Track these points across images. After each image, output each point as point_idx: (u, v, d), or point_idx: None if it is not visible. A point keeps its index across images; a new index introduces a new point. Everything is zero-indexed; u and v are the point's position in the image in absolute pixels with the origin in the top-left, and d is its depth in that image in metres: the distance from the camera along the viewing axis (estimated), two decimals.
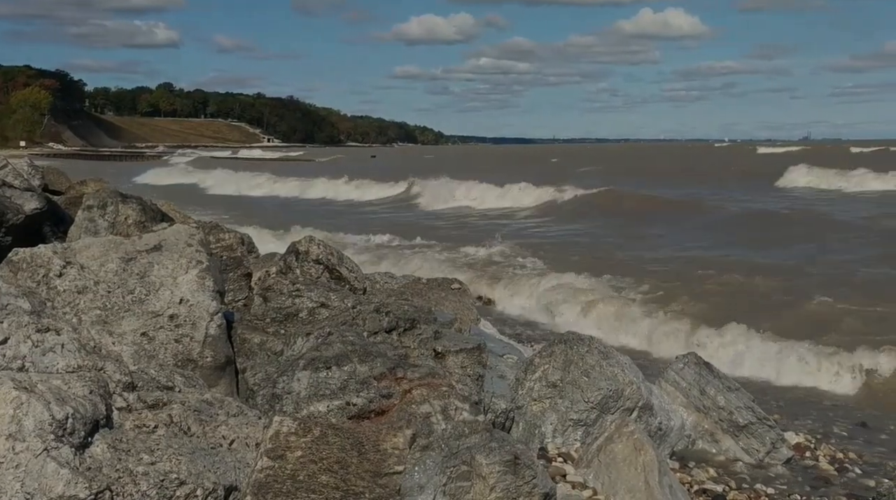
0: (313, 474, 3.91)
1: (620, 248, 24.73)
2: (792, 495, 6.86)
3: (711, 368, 8.53)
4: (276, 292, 6.50)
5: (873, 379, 11.80)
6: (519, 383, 7.58)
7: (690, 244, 25.68)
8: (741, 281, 18.19)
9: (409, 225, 32.58)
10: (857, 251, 22.90)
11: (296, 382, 4.88)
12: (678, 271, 19.60)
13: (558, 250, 24.14)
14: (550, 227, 33.47)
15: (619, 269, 19.72)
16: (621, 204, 37.41)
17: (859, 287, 17.31)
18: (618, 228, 30.48)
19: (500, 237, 26.02)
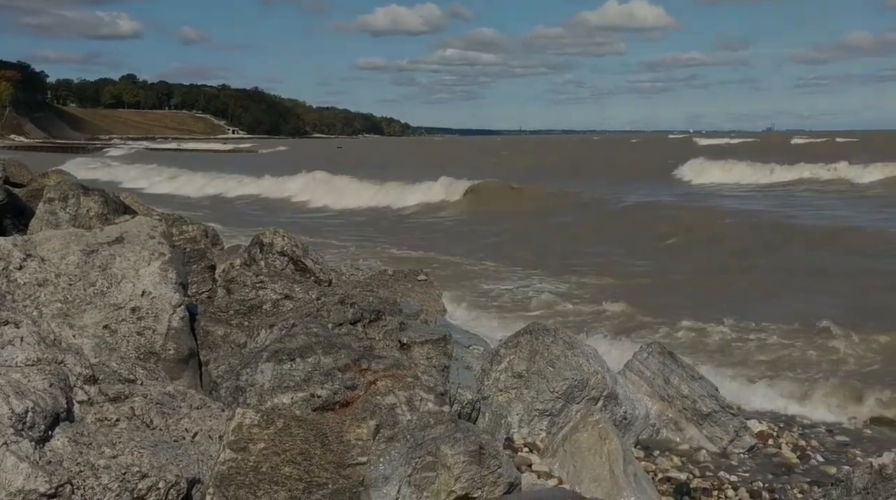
0: (276, 466, 3.89)
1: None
2: (755, 482, 6.92)
3: (675, 357, 8.59)
4: (239, 284, 6.46)
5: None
6: (485, 373, 7.59)
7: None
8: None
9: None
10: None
11: (259, 374, 4.85)
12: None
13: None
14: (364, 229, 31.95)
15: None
16: (490, 201, 37.41)
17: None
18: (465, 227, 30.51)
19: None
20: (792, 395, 10.10)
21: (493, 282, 17.93)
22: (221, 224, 24.10)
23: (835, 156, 58.85)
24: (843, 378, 10.48)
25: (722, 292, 16.90)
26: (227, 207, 42.48)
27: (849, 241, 22.66)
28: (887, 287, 16.87)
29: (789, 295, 16.33)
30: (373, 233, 29.51)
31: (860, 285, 17.19)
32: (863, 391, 9.83)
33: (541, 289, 16.94)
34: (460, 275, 18.84)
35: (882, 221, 27.58)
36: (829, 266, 19.47)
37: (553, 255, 22.31)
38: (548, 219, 30.84)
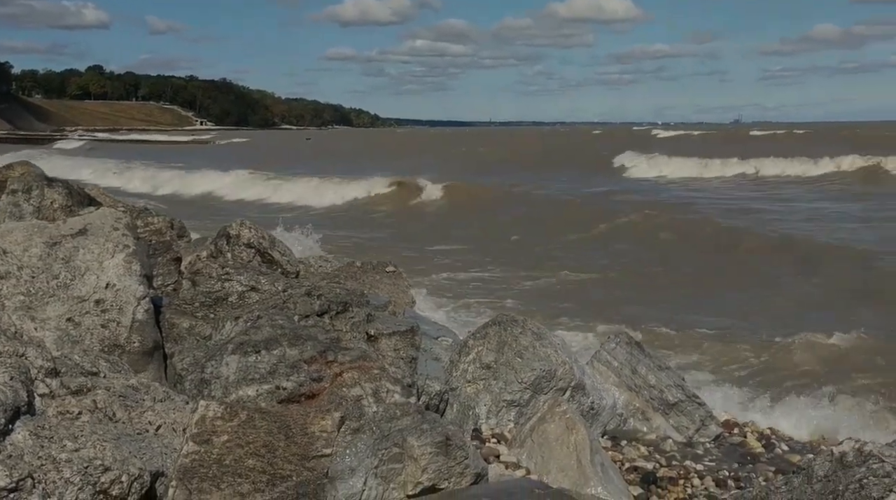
0: (240, 458, 3.87)
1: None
2: (720, 471, 6.98)
3: (642, 347, 8.64)
4: (205, 276, 6.41)
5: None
6: (453, 365, 7.59)
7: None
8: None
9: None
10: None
11: (224, 366, 4.82)
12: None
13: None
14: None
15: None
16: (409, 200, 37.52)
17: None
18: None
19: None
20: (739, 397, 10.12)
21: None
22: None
23: (786, 148, 59.42)
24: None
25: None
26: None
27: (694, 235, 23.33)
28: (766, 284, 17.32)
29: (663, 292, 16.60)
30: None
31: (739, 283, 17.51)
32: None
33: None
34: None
35: (773, 218, 27.85)
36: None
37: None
38: (457, 213, 31.06)
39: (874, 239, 23.05)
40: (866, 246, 21.22)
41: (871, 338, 12.35)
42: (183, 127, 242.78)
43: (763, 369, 11.41)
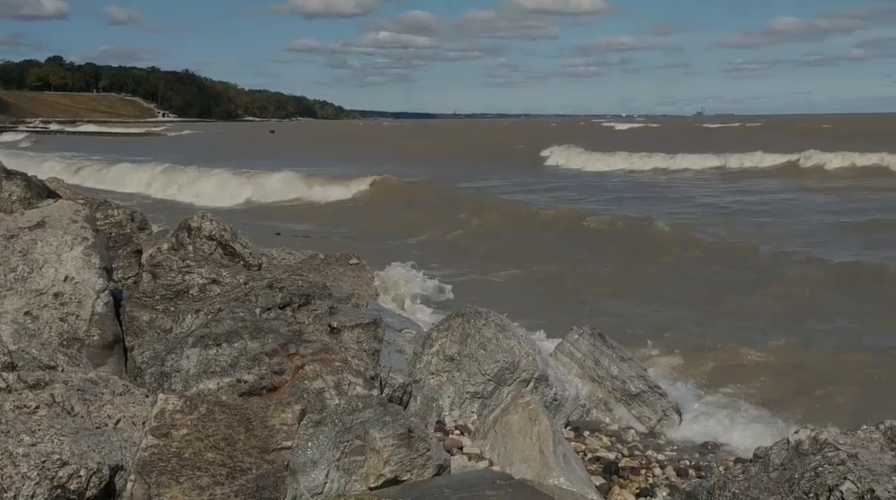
0: (199, 451, 3.84)
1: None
2: (682, 460, 7.04)
3: (605, 339, 8.68)
4: (165, 268, 6.36)
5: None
6: (417, 357, 7.59)
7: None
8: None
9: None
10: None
11: (185, 359, 4.79)
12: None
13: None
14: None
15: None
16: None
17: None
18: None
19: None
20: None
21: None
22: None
23: (735, 142, 59.72)
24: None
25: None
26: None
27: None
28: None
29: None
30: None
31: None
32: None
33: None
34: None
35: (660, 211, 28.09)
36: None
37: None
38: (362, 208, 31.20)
39: (734, 231, 23.42)
40: (721, 238, 21.55)
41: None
42: (145, 119, 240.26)
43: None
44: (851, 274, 16.50)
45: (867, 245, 20.64)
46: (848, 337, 12.22)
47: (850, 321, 13.27)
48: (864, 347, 11.63)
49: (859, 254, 19.09)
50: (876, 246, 20.30)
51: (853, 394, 9.63)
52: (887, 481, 2.85)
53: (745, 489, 3.09)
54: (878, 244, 20.53)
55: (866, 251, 19.65)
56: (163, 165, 46.09)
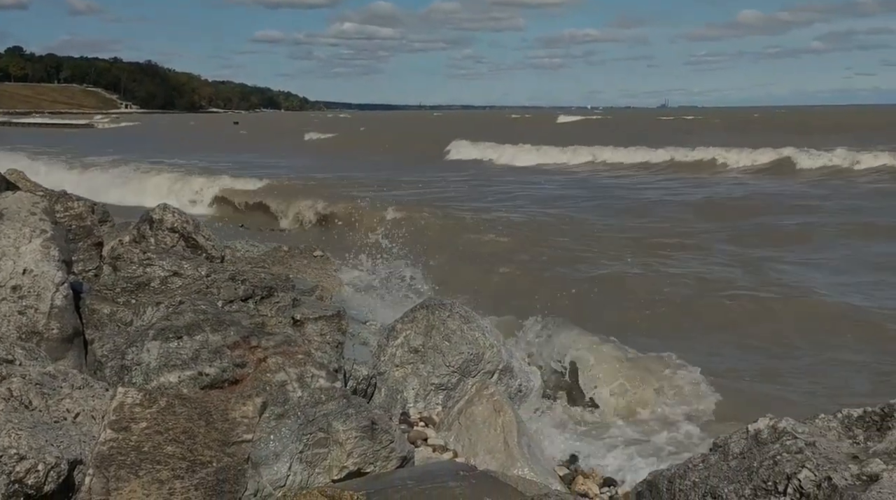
0: (159, 445, 3.81)
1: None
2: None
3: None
4: (126, 261, 6.29)
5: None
6: (381, 349, 7.57)
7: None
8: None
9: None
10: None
11: (145, 353, 4.74)
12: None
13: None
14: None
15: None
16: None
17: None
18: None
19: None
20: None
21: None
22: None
23: (667, 135, 59.16)
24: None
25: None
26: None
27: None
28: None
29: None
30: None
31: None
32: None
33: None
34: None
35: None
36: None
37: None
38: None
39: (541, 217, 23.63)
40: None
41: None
42: (108, 110, 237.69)
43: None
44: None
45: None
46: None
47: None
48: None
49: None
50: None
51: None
52: (844, 468, 2.88)
53: (704, 477, 3.11)
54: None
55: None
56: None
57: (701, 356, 9.59)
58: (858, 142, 45.27)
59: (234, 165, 41.48)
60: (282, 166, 43.73)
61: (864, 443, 3.08)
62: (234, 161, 45.17)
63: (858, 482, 2.81)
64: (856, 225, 20.75)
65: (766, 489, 2.93)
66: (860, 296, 13.67)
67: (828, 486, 2.80)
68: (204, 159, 46.16)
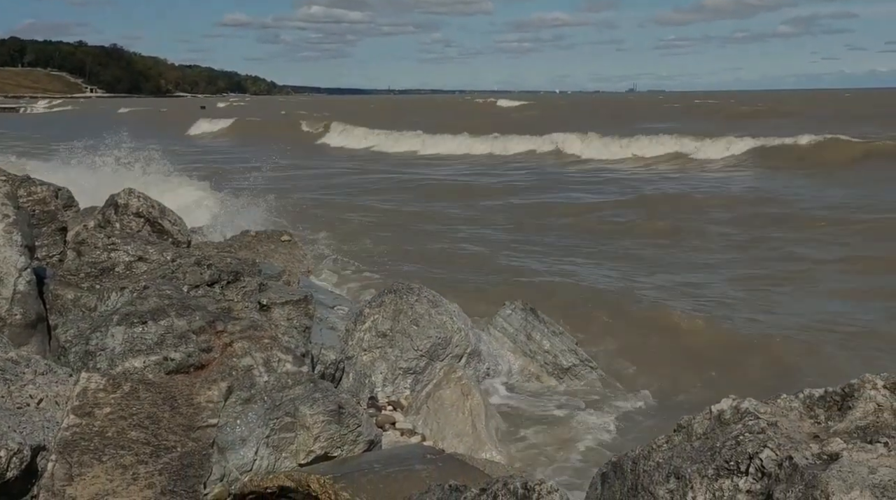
0: (123, 430, 3.78)
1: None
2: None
3: (537, 313, 8.75)
4: (90, 246, 6.23)
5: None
6: (349, 333, 7.56)
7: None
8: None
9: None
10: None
11: (110, 338, 4.70)
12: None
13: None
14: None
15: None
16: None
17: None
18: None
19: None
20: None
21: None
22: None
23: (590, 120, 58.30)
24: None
25: None
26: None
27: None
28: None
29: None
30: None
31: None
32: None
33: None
34: None
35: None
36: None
37: None
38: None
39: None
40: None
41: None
42: (73, 94, 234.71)
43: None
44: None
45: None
46: None
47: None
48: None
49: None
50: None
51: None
52: (805, 448, 2.91)
53: (668, 458, 3.13)
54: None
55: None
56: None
57: None
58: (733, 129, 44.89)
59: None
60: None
61: (825, 423, 3.11)
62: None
63: (819, 461, 2.84)
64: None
65: (728, 469, 2.95)
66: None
67: (789, 465, 2.83)
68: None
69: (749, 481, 2.89)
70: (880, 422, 3.03)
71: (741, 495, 2.88)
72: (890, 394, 3.11)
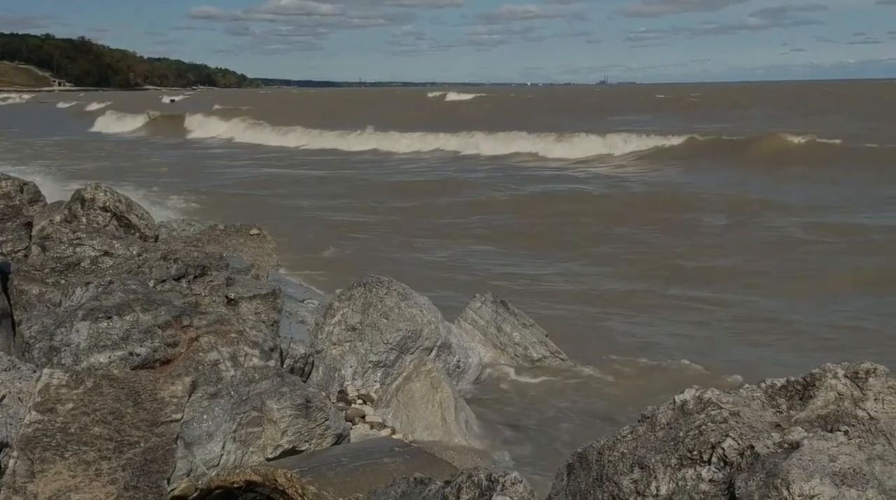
0: (85, 426, 3.75)
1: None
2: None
3: (507, 306, 8.77)
4: (55, 241, 6.17)
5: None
6: (319, 327, 7.55)
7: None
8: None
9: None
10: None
11: (75, 333, 4.66)
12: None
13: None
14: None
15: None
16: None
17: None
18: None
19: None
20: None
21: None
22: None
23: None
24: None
25: None
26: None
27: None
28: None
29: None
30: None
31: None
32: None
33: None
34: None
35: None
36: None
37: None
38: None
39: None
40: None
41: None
42: (40, 88, 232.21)
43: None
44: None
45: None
46: None
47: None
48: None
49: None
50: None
51: None
52: (767, 437, 2.94)
53: (633, 448, 3.15)
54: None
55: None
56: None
57: None
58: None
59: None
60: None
61: (786, 412, 3.15)
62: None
63: (780, 449, 2.87)
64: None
65: (691, 459, 2.98)
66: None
67: (750, 454, 2.86)
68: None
69: (711, 470, 2.92)
70: (841, 411, 3.07)
71: (704, 484, 2.91)
72: (850, 383, 3.15)
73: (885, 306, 11.55)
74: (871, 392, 3.11)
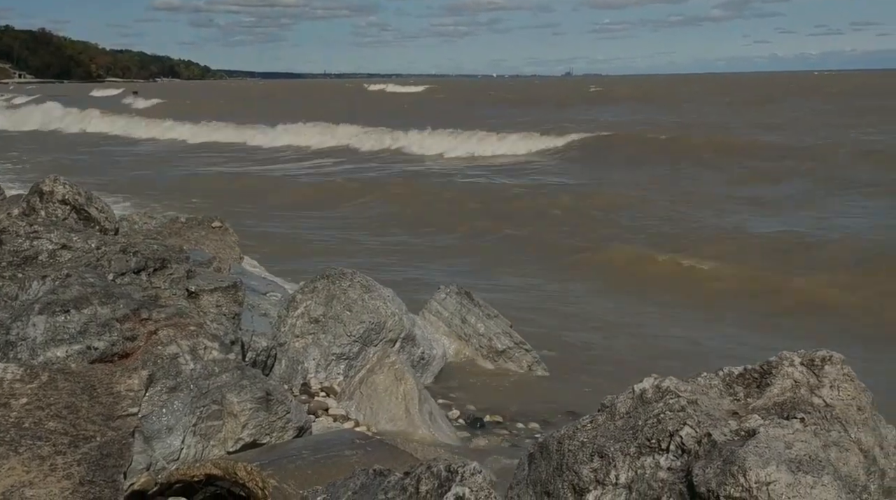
0: (40, 420, 3.71)
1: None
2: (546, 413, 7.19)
3: (472, 297, 8.78)
4: (11, 234, 6.08)
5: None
6: (281, 320, 7.51)
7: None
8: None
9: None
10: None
11: (31, 327, 4.60)
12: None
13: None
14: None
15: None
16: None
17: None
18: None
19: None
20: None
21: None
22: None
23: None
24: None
25: None
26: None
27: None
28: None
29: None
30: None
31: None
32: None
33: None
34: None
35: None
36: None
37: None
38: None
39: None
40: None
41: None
42: (1, 80, 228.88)
43: None
44: None
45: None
46: None
47: None
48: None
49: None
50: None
51: None
52: (724, 425, 2.96)
53: (592, 437, 3.16)
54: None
55: None
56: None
57: None
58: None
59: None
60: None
61: (744, 400, 3.17)
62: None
63: (737, 437, 2.89)
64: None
65: (650, 447, 3.00)
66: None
67: (707, 442, 2.88)
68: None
69: (670, 458, 2.94)
70: (797, 398, 3.10)
71: (662, 472, 2.93)
72: (807, 370, 3.18)
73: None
74: (827, 380, 3.14)
